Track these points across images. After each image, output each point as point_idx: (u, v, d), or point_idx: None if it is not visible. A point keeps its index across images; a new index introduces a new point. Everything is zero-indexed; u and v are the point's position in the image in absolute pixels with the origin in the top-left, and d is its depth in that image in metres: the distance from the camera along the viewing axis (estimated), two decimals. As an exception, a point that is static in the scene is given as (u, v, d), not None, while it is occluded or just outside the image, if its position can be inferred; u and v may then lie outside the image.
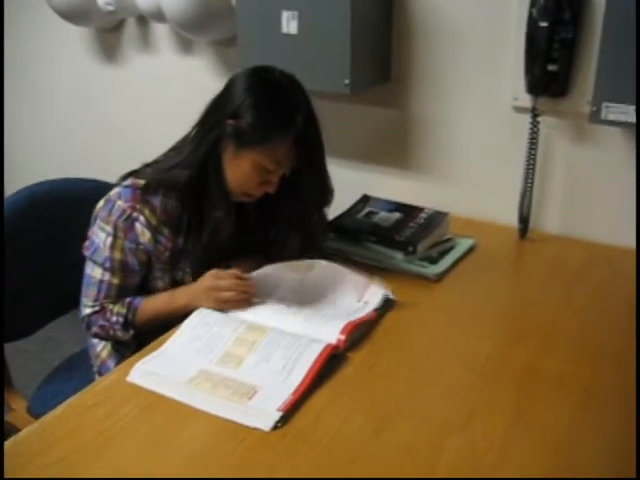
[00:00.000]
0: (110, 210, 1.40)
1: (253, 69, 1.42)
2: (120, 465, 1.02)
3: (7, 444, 1.06)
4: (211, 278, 1.39)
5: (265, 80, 1.39)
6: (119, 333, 1.44)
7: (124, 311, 1.42)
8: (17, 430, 1.10)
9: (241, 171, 1.39)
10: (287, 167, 1.41)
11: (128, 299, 1.44)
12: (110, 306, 1.43)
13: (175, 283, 1.48)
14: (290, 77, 1.41)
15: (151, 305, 1.43)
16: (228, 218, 1.43)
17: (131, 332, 1.44)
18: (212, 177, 1.39)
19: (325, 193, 1.54)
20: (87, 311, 1.45)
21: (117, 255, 1.40)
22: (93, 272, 1.43)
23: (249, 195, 1.44)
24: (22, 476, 0.99)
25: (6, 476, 0.98)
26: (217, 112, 1.40)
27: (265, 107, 1.36)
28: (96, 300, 1.43)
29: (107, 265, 1.41)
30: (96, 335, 1.48)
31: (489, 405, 1.16)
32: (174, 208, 1.42)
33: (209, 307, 1.38)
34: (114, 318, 1.42)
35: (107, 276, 1.42)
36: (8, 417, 1.64)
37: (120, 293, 1.43)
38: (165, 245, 1.43)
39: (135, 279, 1.45)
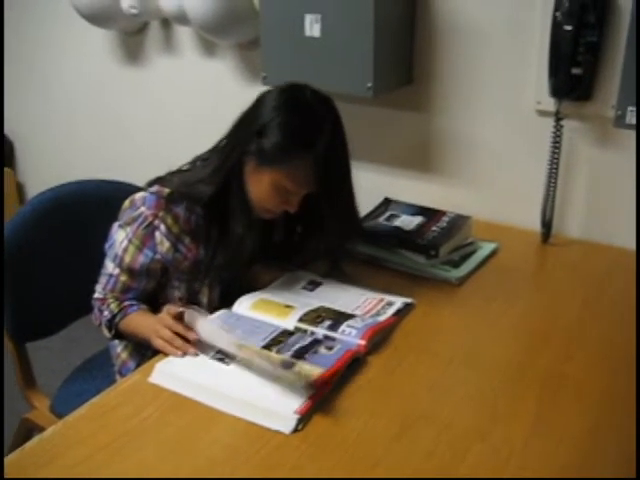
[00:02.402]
0: (133, 214, 1.41)
1: (286, 87, 1.40)
2: (144, 465, 1.03)
3: (31, 443, 1.08)
4: (163, 312, 1.35)
5: (295, 100, 1.37)
6: (104, 328, 1.46)
7: (115, 311, 1.44)
8: (40, 428, 1.12)
9: (261, 189, 1.38)
10: (308, 189, 1.39)
11: (127, 302, 1.45)
12: (111, 300, 1.45)
13: (193, 294, 1.49)
14: (323, 97, 1.38)
15: (134, 322, 1.42)
16: (248, 233, 1.43)
17: (112, 333, 1.45)
18: (234, 192, 1.40)
19: (349, 222, 1.51)
20: (94, 295, 1.48)
21: (127, 258, 1.42)
22: (106, 264, 1.46)
23: (270, 212, 1.44)
24: (47, 475, 1.00)
25: (31, 475, 0.99)
26: (244, 128, 1.39)
27: (288, 128, 1.33)
28: (103, 289, 1.47)
29: (117, 262, 1.43)
30: (95, 321, 1.50)
31: (510, 411, 1.15)
32: (198, 220, 1.43)
33: (154, 344, 1.32)
34: (106, 312, 1.44)
35: (117, 271, 1.44)
36: (30, 415, 1.66)
37: (125, 290, 1.45)
38: (185, 255, 1.44)
39: (142, 283, 1.46)
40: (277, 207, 1.42)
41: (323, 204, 1.42)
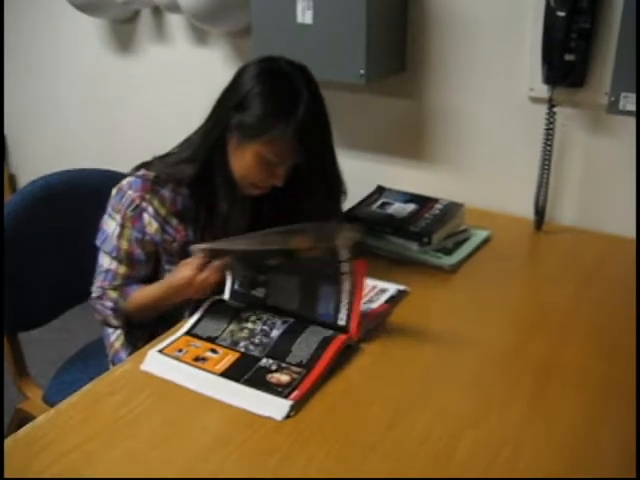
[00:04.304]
0: (120, 199, 1.41)
1: (260, 59, 1.40)
2: (135, 453, 1.02)
3: (23, 431, 1.07)
4: (189, 270, 1.33)
5: (270, 70, 1.37)
6: (111, 318, 1.45)
7: (116, 296, 1.43)
8: (33, 418, 1.11)
9: (244, 163, 1.37)
10: (291, 160, 1.38)
11: (125, 288, 1.44)
12: (109, 292, 1.45)
13: None
14: (299, 67, 1.38)
15: (141, 295, 1.43)
16: (233, 210, 1.42)
17: (121, 319, 1.45)
18: (218, 169, 1.39)
19: (333, 189, 1.50)
20: (92, 295, 1.47)
21: (124, 245, 1.42)
22: (102, 260, 1.45)
23: (257, 187, 1.43)
24: (38, 462, 1.00)
25: (22, 463, 0.99)
26: (223, 104, 1.39)
27: (265, 98, 1.33)
28: (100, 287, 1.46)
29: (114, 254, 1.42)
30: (99, 319, 1.50)
31: (505, 398, 1.15)
32: (185, 201, 1.42)
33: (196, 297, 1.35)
34: (108, 302, 1.44)
35: (114, 265, 1.43)
36: (24, 405, 1.65)
37: (125, 282, 1.45)
38: (173, 236, 1.43)
39: (142, 270, 1.45)
40: (263, 181, 1.41)
41: (306, 173, 1.40)
